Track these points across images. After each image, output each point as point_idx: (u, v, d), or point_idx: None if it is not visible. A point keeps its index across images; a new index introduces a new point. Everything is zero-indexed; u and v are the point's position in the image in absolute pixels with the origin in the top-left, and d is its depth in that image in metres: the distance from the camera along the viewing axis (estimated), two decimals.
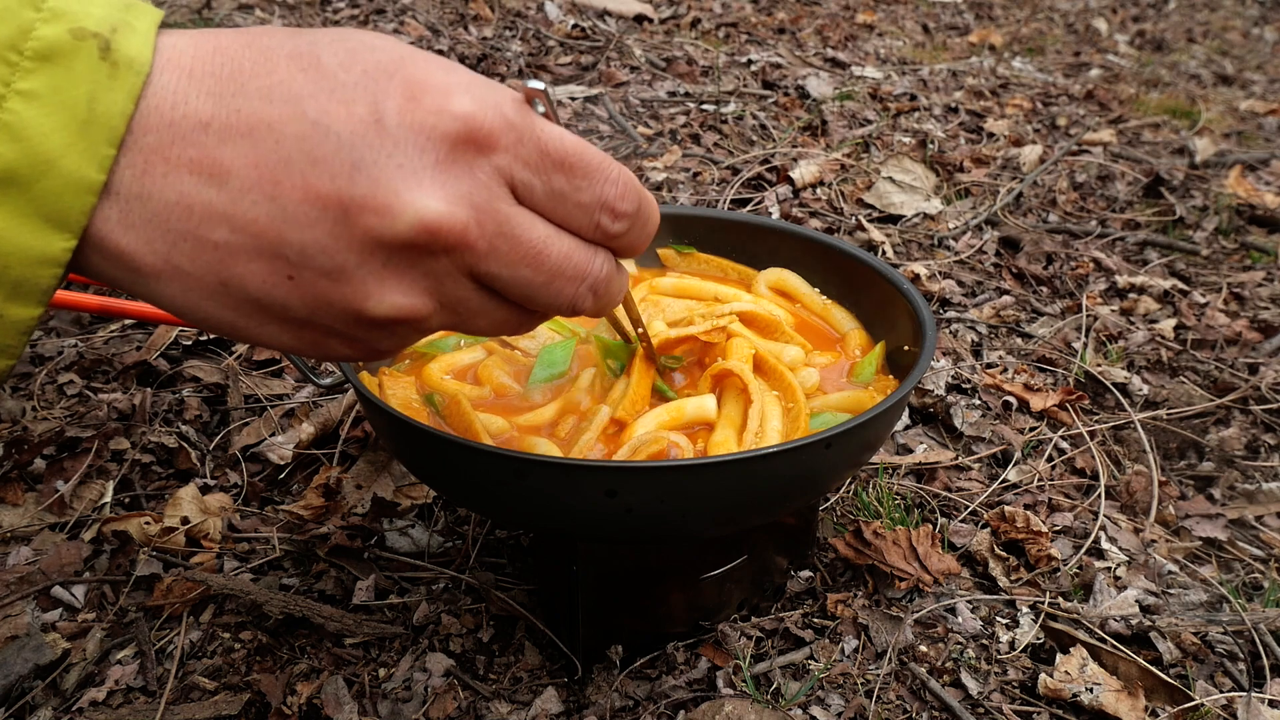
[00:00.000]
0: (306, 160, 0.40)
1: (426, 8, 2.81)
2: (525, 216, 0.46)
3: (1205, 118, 2.75)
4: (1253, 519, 1.19)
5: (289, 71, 0.40)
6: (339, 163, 0.40)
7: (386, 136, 0.41)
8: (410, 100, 0.41)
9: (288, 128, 0.40)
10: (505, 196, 0.45)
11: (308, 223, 0.41)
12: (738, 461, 0.70)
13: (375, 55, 0.42)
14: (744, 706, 0.83)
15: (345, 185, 0.41)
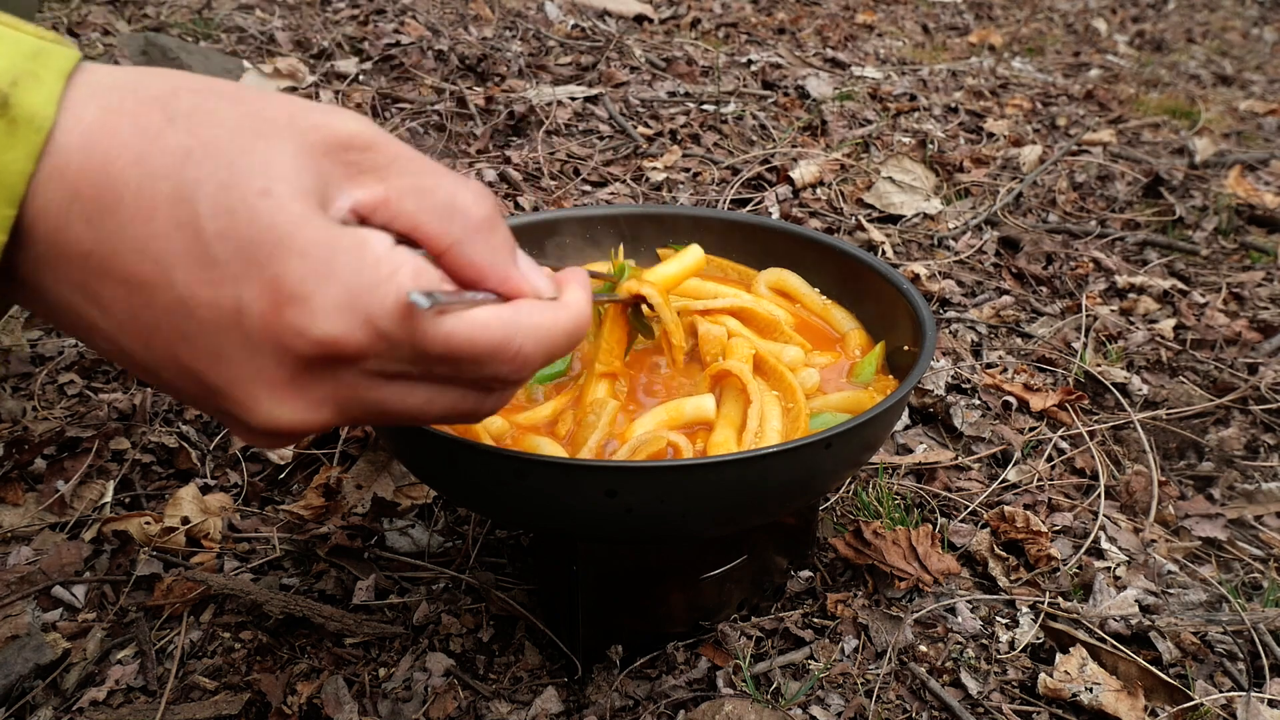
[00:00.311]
0: (176, 334, 0.40)
1: (426, 8, 2.81)
2: (399, 391, 0.45)
3: (1205, 118, 2.75)
4: (1252, 519, 1.19)
5: (166, 224, 0.38)
6: (203, 347, 0.40)
7: (246, 338, 0.40)
8: (274, 308, 0.39)
9: (158, 295, 0.39)
10: (375, 385, 0.44)
11: (180, 382, 0.42)
12: (737, 461, 0.70)
13: (254, 228, 0.38)
14: (744, 706, 0.83)
15: (208, 370, 0.41)
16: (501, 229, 0.48)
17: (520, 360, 0.47)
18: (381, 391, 0.45)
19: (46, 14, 2.39)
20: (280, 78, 2.29)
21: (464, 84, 2.37)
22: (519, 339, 0.46)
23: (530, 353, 0.47)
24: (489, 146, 2.11)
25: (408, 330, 0.42)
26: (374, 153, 0.44)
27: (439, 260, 0.47)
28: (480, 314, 0.45)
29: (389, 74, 2.41)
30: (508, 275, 0.48)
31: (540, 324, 0.47)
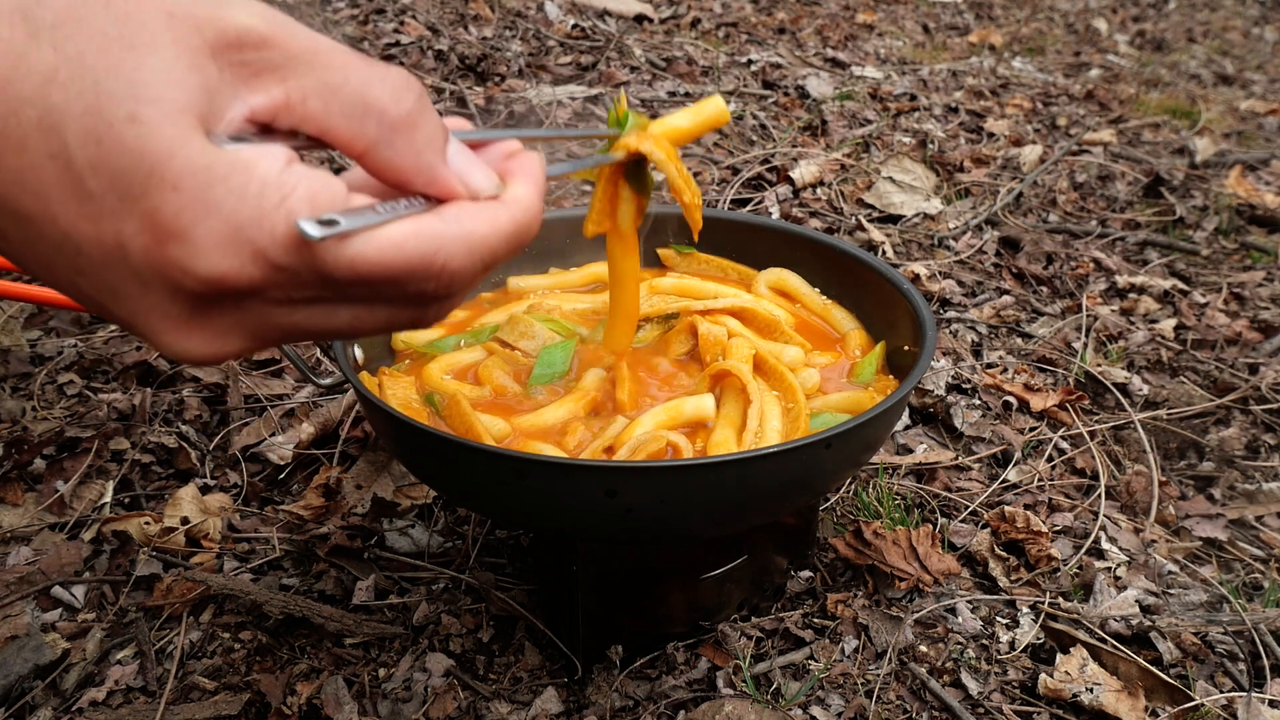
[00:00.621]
0: (70, 268, 0.38)
1: (426, 8, 2.81)
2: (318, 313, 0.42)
3: (1205, 118, 2.75)
4: (1253, 519, 1.19)
5: (38, 155, 0.35)
6: (98, 281, 0.38)
7: (134, 273, 0.37)
8: (155, 244, 0.36)
9: (44, 228, 0.37)
10: (286, 311, 0.41)
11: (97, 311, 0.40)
12: (738, 461, 0.70)
13: (125, 158, 0.36)
14: (744, 706, 0.83)
15: (108, 303, 0.39)
16: (426, 124, 0.43)
17: (448, 276, 0.43)
18: (295, 316, 0.41)
19: None
20: None
21: (464, 84, 2.37)
22: (442, 255, 0.42)
23: (460, 266, 0.43)
24: None
25: (305, 260, 0.38)
26: (270, 49, 0.39)
27: (360, 163, 0.43)
28: (393, 231, 0.40)
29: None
30: (434, 176, 0.43)
31: (471, 232, 0.43)
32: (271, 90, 0.40)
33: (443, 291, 0.43)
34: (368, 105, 0.41)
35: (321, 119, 0.41)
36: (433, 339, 0.99)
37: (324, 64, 0.40)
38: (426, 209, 0.43)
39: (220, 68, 0.38)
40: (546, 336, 0.95)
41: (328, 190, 0.39)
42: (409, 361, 0.97)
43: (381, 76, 0.41)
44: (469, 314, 1.04)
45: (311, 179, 0.39)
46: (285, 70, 0.39)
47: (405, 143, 0.42)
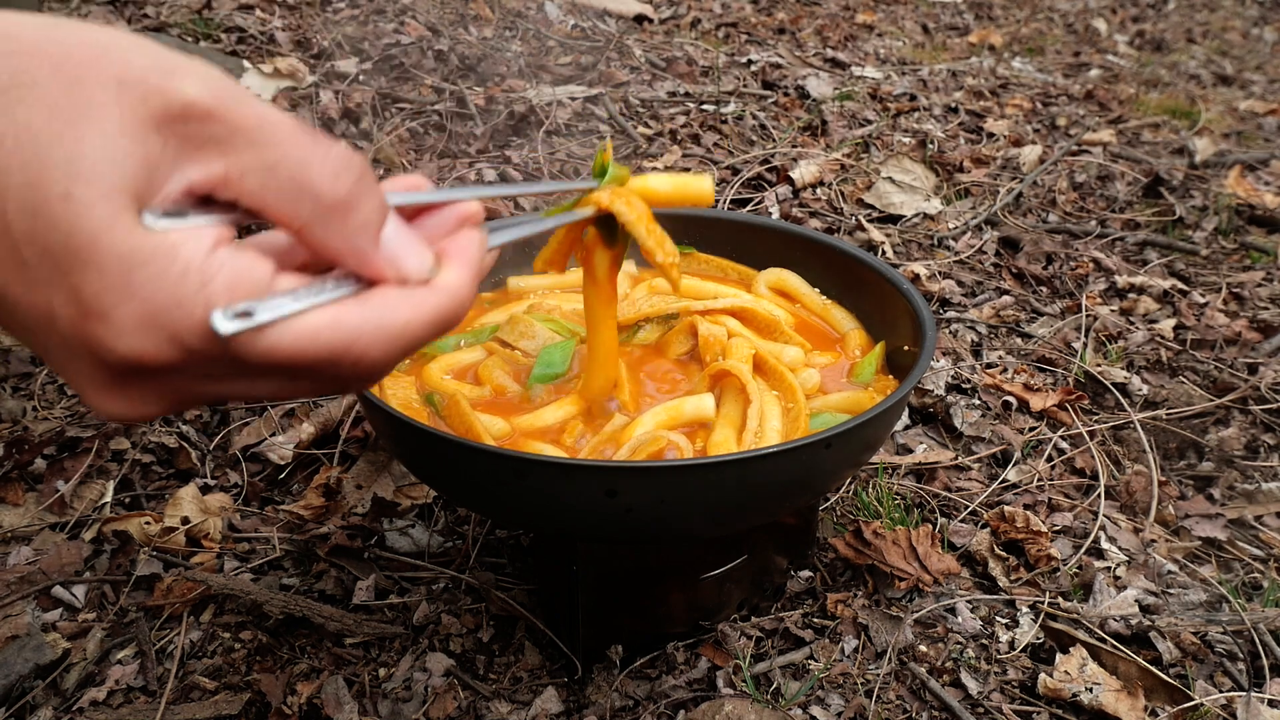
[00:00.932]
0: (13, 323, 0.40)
1: (426, 8, 2.81)
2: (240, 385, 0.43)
3: (1205, 118, 2.75)
4: (1252, 519, 1.19)
5: None
6: (34, 341, 0.40)
7: (62, 340, 0.39)
8: (80, 318, 0.38)
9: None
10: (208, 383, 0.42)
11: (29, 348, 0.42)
12: (738, 461, 0.70)
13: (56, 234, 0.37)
14: (744, 706, 0.83)
15: (45, 358, 0.40)
16: (361, 207, 0.43)
17: (365, 365, 0.43)
18: (216, 387, 0.43)
19: (46, 13, 2.39)
20: (280, 77, 2.29)
21: (464, 84, 2.37)
22: (359, 346, 0.43)
23: (377, 356, 0.43)
24: (489, 146, 2.11)
25: (220, 347, 0.39)
26: (214, 123, 0.39)
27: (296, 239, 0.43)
28: (310, 321, 0.41)
29: (389, 74, 2.41)
30: (365, 260, 0.44)
31: (390, 324, 0.43)
32: (211, 165, 0.40)
33: (362, 376, 0.44)
34: (303, 187, 0.41)
35: (258, 196, 0.41)
36: None
37: (266, 141, 0.40)
38: (356, 289, 0.44)
39: (164, 139, 0.39)
40: (547, 336, 0.96)
41: (250, 277, 0.40)
42: (409, 361, 0.97)
43: (322, 157, 0.42)
44: (469, 314, 1.04)
45: (234, 266, 0.40)
46: (227, 145, 0.40)
47: (338, 226, 0.42)
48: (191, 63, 0.40)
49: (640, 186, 0.77)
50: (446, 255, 0.48)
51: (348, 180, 0.42)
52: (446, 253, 0.48)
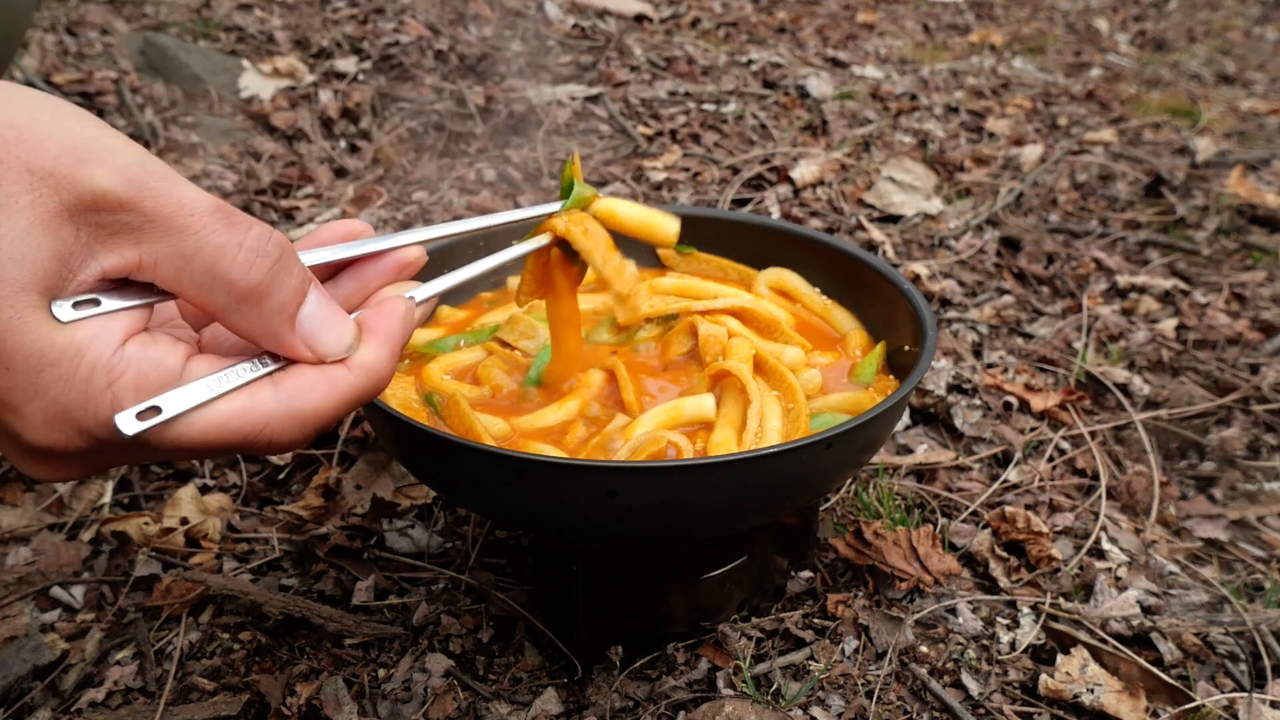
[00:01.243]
0: None
1: (426, 7, 2.80)
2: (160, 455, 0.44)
3: (1206, 117, 2.75)
4: (1254, 519, 1.19)
5: None
6: None
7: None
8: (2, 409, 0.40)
9: None
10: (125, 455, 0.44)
11: None
12: (738, 461, 0.70)
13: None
14: (744, 707, 0.83)
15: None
16: (276, 292, 0.44)
17: (277, 445, 0.45)
18: (137, 457, 0.44)
19: (45, 13, 2.39)
20: (279, 77, 2.29)
21: (464, 83, 2.37)
22: (269, 431, 0.44)
23: (288, 439, 0.45)
24: (489, 146, 2.10)
25: (129, 440, 0.41)
26: (128, 212, 0.40)
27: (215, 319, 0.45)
28: (220, 410, 0.43)
29: (389, 73, 2.41)
30: (280, 343, 0.45)
31: (301, 409, 0.45)
32: (125, 252, 0.41)
33: (275, 452, 0.46)
34: (216, 276, 0.42)
35: (173, 283, 0.42)
36: (433, 339, 0.99)
37: (180, 229, 0.41)
38: (274, 368, 0.45)
39: (77, 228, 0.39)
40: (547, 336, 0.95)
41: (158, 371, 0.41)
42: (408, 361, 0.97)
43: (237, 244, 0.42)
44: (469, 314, 1.04)
45: (142, 362, 0.41)
46: (141, 233, 0.40)
47: (252, 311, 0.43)
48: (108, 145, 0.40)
49: (607, 210, 0.76)
50: (367, 330, 0.48)
51: (263, 267, 0.43)
52: (368, 326, 0.48)
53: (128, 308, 0.42)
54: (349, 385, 0.46)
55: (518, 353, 0.95)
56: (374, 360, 0.47)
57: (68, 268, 0.40)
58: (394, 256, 0.52)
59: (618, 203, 0.77)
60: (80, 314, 0.40)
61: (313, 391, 0.45)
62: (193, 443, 0.42)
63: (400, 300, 0.51)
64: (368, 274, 0.52)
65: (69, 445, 0.41)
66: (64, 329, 0.39)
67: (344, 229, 0.52)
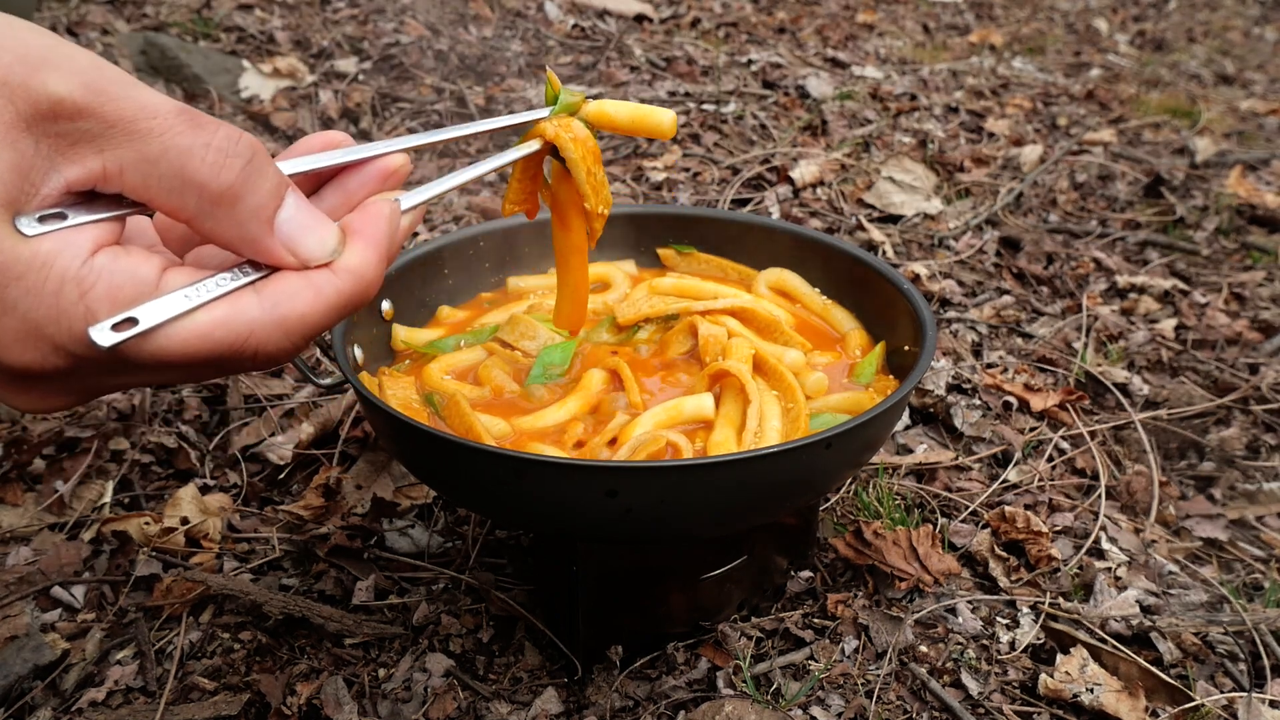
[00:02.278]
0: None
1: (426, 8, 2.81)
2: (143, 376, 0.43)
3: (1206, 118, 2.75)
4: (1253, 519, 1.19)
5: None
6: None
7: None
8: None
9: None
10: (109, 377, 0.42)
11: None
12: (738, 461, 0.70)
13: None
14: (744, 707, 0.83)
15: None
16: (251, 194, 0.41)
17: (264, 356, 0.42)
18: (119, 380, 0.42)
19: (45, 13, 2.39)
20: (279, 77, 2.29)
21: (464, 84, 2.37)
22: (254, 340, 0.42)
23: (275, 348, 0.42)
24: (489, 146, 2.10)
25: (107, 354, 0.39)
26: (87, 119, 0.38)
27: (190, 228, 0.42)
28: (201, 321, 0.40)
29: (389, 73, 2.41)
30: (259, 248, 0.42)
31: (287, 316, 0.42)
32: (88, 162, 0.39)
33: (261, 364, 0.44)
34: (186, 179, 0.40)
35: (141, 191, 0.40)
36: (433, 339, 0.99)
37: (144, 133, 0.39)
38: (256, 277, 0.42)
39: (36, 139, 0.38)
40: (547, 337, 0.95)
41: (132, 282, 0.39)
42: (409, 362, 0.97)
43: (205, 145, 0.40)
44: (469, 314, 1.04)
45: (113, 271, 0.39)
46: (103, 141, 0.39)
47: (227, 215, 0.41)
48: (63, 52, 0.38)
49: (597, 111, 0.74)
50: (352, 233, 0.46)
51: (234, 167, 0.41)
52: (352, 229, 0.46)
53: (96, 220, 0.40)
54: (336, 290, 0.44)
55: (518, 353, 0.95)
56: (360, 263, 0.45)
57: (29, 181, 0.38)
58: (377, 165, 0.50)
59: (607, 103, 0.76)
60: (46, 228, 0.38)
61: (298, 297, 0.43)
62: (174, 356, 0.40)
63: (384, 202, 0.48)
64: (351, 185, 0.50)
65: (46, 365, 0.39)
66: (28, 242, 0.38)
67: (323, 139, 0.49)
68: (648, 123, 0.75)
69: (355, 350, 0.90)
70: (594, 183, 0.73)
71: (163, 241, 0.48)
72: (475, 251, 1.06)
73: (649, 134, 0.76)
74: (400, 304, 0.99)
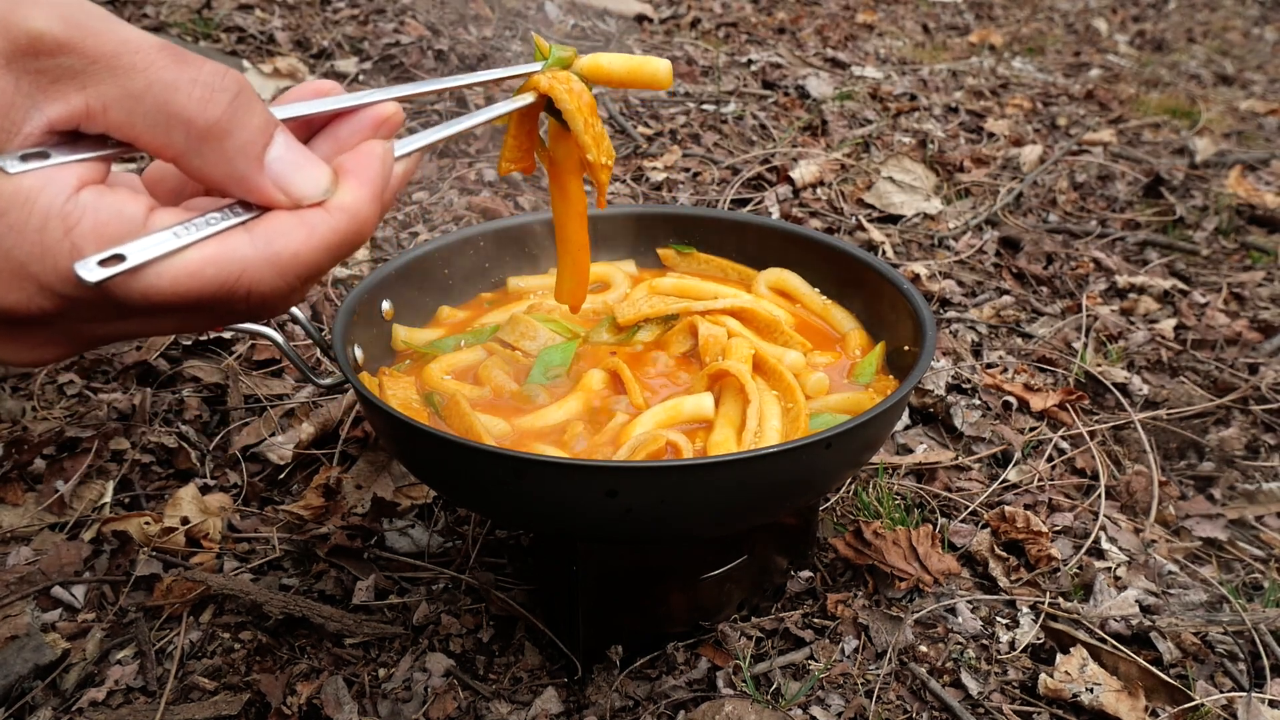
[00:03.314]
0: None
1: (426, 8, 2.81)
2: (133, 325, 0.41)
3: (1205, 118, 2.75)
4: (1253, 519, 1.19)
5: None
6: None
7: None
8: None
9: None
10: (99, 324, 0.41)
11: None
12: (738, 461, 0.70)
13: None
14: (744, 706, 0.83)
15: None
16: (239, 130, 0.40)
17: (257, 297, 0.41)
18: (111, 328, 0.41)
19: None
20: (280, 77, 2.29)
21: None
22: (246, 279, 0.40)
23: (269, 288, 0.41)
24: (489, 146, 2.11)
25: (95, 293, 0.38)
26: (68, 55, 0.37)
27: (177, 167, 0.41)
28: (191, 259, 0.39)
29: (389, 74, 2.41)
30: (249, 186, 0.41)
31: (279, 254, 0.41)
32: (71, 99, 0.38)
33: (257, 308, 0.42)
34: (171, 115, 0.39)
35: (125, 128, 0.39)
36: (433, 339, 0.99)
37: (126, 69, 0.38)
38: (247, 218, 0.41)
39: (16, 76, 0.37)
40: (547, 337, 0.96)
41: (119, 219, 0.38)
42: (409, 361, 0.97)
43: (190, 79, 0.39)
44: (469, 314, 1.05)
45: (99, 208, 0.38)
46: (85, 77, 0.38)
47: (214, 152, 0.40)
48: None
49: (591, 64, 0.72)
50: (344, 172, 0.45)
51: (221, 101, 0.40)
52: (344, 169, 0.45)
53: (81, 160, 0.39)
54: (330, 228, 0.43)
55: (518, 353, 0.95)
56: (353, 201, 0.44)
57: (10, 119, 0.37)
58: (369, 113, 0.48)
59: (602, 55, 0.73)
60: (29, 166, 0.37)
61: (291, 235, 0.41)
62: (165, 295, 0.39)
63: (377, 142, 0.47)
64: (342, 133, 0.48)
65: (32, 307, 0.38)
66: (11, 179, 0.37)
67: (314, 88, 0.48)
68: (644, 73, 0.73)
69: (355, 350, 0.90)
70: (593, 134, 0.71)
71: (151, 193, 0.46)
72: (475, 251, 1.07)
73: (646, 84, 0.74)
74: (400, 304, 0.99)
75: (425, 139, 0.52)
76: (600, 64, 0.72)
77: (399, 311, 0.99)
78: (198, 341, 1.37)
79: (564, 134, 0.73)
